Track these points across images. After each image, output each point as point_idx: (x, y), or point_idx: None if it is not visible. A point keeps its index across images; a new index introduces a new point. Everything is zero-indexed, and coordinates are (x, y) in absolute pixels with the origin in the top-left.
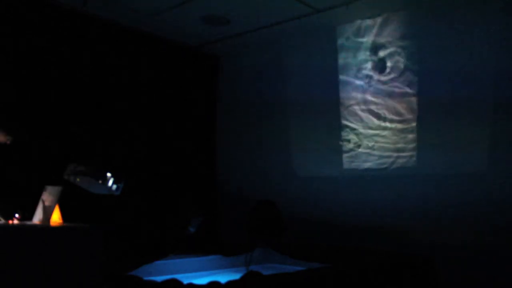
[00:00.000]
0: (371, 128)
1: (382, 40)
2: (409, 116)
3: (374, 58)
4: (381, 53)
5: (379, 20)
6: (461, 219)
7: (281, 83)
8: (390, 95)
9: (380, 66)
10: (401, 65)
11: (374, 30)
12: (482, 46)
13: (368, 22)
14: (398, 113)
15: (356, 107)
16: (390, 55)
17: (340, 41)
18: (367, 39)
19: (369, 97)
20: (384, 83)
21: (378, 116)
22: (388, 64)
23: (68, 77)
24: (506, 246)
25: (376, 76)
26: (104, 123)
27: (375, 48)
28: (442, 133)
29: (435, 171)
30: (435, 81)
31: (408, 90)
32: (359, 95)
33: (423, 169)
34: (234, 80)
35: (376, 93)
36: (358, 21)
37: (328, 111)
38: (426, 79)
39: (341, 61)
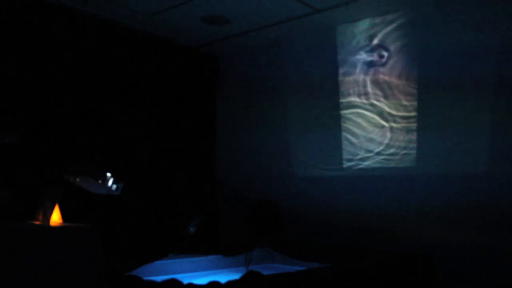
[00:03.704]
0: (371, 127)
1: (382, 40)
2: (409, 115)
3: (374, 57)
4: (381, 53)
5: (379, 20)
6: (461, 219)
7: (281, 83)
8: (391, 94)
9: (380, 66)
10: (402, 65)
11: (375, 30)
12: (484, 49)
13: (368, 22)
14: (398, 112)
15: (356, 107)
16: (390, 54)
17: (340, 41)
18: (367, 39)
19: (369, 96)
20: (384, 82)
21: (378, 115)
22: (389, 63)
23: (68, 77)
24: (506, 246)
25: (376, 75)
26: (103, 123)
27: (375, 48)
28: (443, 132)
29: (435, 171)
30: (435, 81)
31: (409, 89)
32: (359, 95)
33: (423, 169)
34: (234, 80)
35: (377, 92)
36: (358, 21)
37: (329, 111)
38: (427, 78)
39: (341, 61)
